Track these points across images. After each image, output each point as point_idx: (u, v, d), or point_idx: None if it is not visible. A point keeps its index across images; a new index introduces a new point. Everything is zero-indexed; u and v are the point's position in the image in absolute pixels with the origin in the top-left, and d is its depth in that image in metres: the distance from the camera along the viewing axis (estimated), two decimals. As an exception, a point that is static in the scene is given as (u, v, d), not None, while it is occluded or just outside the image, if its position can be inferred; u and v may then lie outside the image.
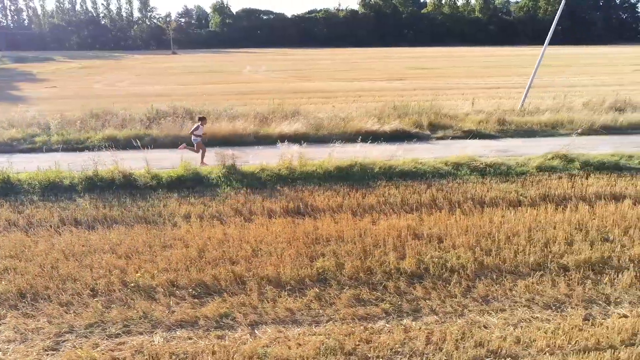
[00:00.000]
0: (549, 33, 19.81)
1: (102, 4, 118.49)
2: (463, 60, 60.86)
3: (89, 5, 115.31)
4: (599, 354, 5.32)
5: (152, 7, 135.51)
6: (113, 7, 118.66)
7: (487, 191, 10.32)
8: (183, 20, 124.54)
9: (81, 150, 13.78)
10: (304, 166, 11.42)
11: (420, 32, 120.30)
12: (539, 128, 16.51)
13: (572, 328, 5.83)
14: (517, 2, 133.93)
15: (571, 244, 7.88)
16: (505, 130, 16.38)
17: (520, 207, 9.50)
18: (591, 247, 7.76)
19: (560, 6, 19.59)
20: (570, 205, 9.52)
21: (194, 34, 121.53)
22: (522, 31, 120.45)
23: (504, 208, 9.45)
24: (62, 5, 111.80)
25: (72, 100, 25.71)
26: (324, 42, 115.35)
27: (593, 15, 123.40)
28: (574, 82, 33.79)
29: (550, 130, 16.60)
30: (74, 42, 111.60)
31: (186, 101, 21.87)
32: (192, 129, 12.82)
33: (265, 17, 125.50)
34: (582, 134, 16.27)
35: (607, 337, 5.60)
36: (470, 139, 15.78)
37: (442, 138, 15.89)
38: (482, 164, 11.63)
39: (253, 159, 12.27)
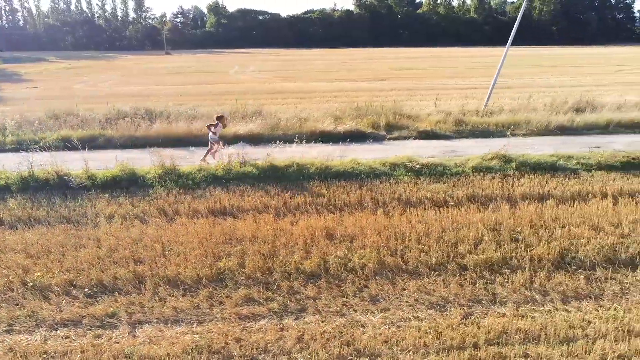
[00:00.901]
0: (512, 33, 19.96)
1: (97, 4, 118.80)
2: (452, 60, 60.92)
3: (84, 5, 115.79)
4: (459, 352, 5.39)
5: (147, 8, 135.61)
6: (108, 7, 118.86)
7: (417, 191, 10.39)
8: (178, 20, 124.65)
9: (34, 150, 13.86)
10: (241, 166, 11.49)
11: (415, 33, 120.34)
12: (494, 129, 16.57)
13: (447, 327, 5.90)
14: (512, 3, 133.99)
15: (478, 244, 7.94)
16: (461, 131, 16.45)
17: (444, 208, 9.56)
18: (497, 247, 7.82)
19: (523, 6, 19.62)
20: (492, 205, 9.59)
21: (189, 34, 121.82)
22: (518, 31, 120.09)
23: (427, 208, 9.52)
24: (57, 6, 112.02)
25: (49, 101, 25.76)
26: (320, 42, 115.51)
27: (588, 16, 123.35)
28: (554, 83, 33.80)
29: (506, 130, 16.62)
30: (68, 42, 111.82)
31: (161, 101, 22.06)
32: (211, 125, 12.85)
33: (260, 18, 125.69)
34: (537, 134, 16.44)
35: (474, 336, 5.67)
36: (424, 139, 15.85)
37: (396, 138, 15.96)
38: (418, 164, 11.70)
39: (200, 159, 12.40)
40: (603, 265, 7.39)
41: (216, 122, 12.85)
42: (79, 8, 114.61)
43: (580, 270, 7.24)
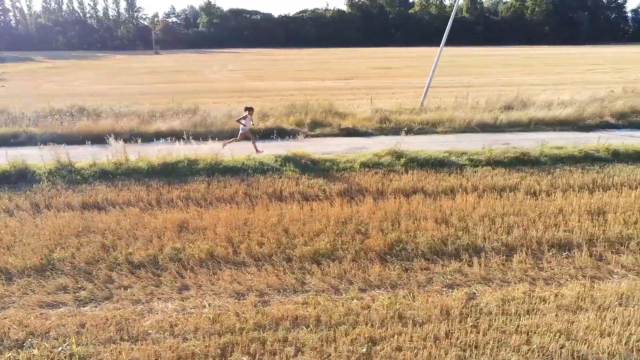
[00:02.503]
0: (445, 33, 20.09)
1: (89, 4, 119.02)
2: (430, 60, 60.94)
3: (76, 5, 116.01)
4: (234, 335, 5.59)
5: (139, 8, 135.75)
6: (100, 7, 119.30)
7: (294, 186, 10.58)
8: (170, 20, 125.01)
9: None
10: (131, 161, 11.71)
11: (408, 33, 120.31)
12: (416, 126, 16.72)
13: (233, 313, 6.09)
14: (505, 3, 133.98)
15: (317, 236, 8.12)
16: (383, 129, 16.62)
17: (310, 202, 9.74)
18: (334, 239, 8.00)
19: (455, 7, 19.79)
20: (358, 199, 9.78)
21: (181, 34, 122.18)
22: (509, 31, 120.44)
23: (294, 202, 9.70)
24: (48, 6, 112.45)
25: (9, 99, 26.04)
26: (312, 42, 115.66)
27: (580, 15, 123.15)
28: (518, 82, 33.81)
29: (429, 128, 16.84)
30: (60, 42, 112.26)
31: (117, 100, 22.32)
32: (239, 117, 13.45)
33: (252, 18, 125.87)
34: (458, 131, 16.60)
35: (257, 322, 5.86)
36: (344, 136, 16.05)
37: (317, 136, 16.15)
38: (308, 160, 11.87)
39: (114, 155, 12.51)
40: (426, 256, 7.57)
41: (246, 114, 13.32)
42: (71, 8, 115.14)
43: (400, 261, 7.42)
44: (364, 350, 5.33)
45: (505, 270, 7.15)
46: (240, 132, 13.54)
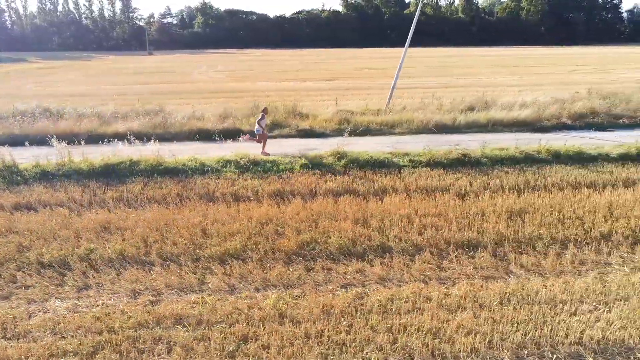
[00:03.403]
0: (409, 34, 20.17)
1: (84, 5, 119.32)
2: (420, 60, 61.12)
3: (71, 6, 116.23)
4: (97, 335, 5.70)
5: (134, 8, 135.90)
6: (95, 7, 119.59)
7: (230, 187, 10.69)
8: (165, 20, 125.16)
9: None
10: (75, 163, 11.83)
11: (403, 33, 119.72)
12: (375, 127, 16.83)
13: (120, 312, 6.20)
14: (502, 3, 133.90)
15: (229, 238, 8.22)
16: (341, 130, 16.67)
17: (240, 202, 9.85)
18: (247, 239, 8.10)
19: (418, 8, 19.88)
20: (287, 201, 9.88)
21: (177, 35, 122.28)
22: (504, 32, 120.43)
23: (223, 203, 9.80)
24: (44, 6, 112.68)
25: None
26: (307, 43, 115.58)
27: (576, 16, 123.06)
28: (498, 82, 33.90)
29: (387, 129, 16.95)
30: (55, 43, 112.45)
31: (95, 101, 22.54)
32: (258, 119, 13.75)
33: (248, 18, 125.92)
34: (416, 132, 16.72)
35: (139, 319, 5.97)
36: (301, 137, 16.18)
37: (274, 137, 16.24)
38: (248, 161, 11.98)
39: (57, 157, 12.60)
40: (332, 257, 7.67)
41: (262, 115, 13.67)
42: (66, 9, 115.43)
43: (306, 262, 7.52)
44: (232, 348, 5.44)
45: (406, 270, 7.25)
46: (256, 133, 13.79)
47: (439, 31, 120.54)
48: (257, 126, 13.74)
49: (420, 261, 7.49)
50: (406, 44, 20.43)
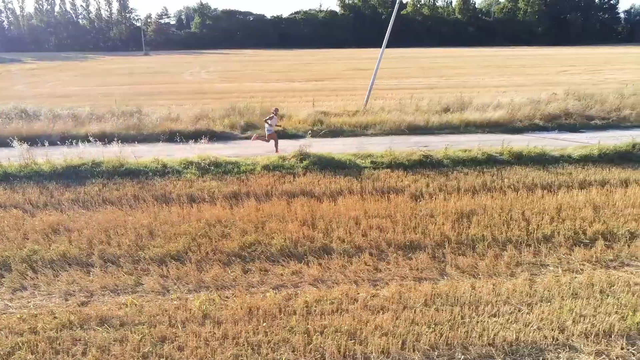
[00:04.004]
0: (385, 36, 20.21)
1: (82, 6, 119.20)
2: (415, 61, 61.25)
3: (68, 6, 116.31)
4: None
5: (132, 9, 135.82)
6: (92, 8, 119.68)
7: (188, 188, 10.75)
8: (162, 21, 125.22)
9: None
10: (39, 164, 11.90)
11: (400, 34, 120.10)
12: (348, 128, 16.89)
13: (35, 315, 6.26)
14: (499, 3, 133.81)
15: (173, 239, 8.28)
16: (316, 131, 16.73)
17: (195, 204, 9.90)
18: (183, 241, 8.15)
19: (395, 9, 19.96)
20: (241, 201, 9.94)
21: (174, 35, 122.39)
22: (501, 32, 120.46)
23: (177, 204, 9.85)
24: (41, 7, 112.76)
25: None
26: (305, 43, 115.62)
27: (573, 16, 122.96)
28: (484, 83, 33.97)
29: (360, 130, 17.01)
30: (52, 43, 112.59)
31: (80, 102, 22.68)
32: (266, 118, 14.17)
33: (245, 19, 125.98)
34: (388, 133, 16.78)
35: (72, 319, 6.03)
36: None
37: (246, 138, 16.31)
38: (210, 163, 12.03)
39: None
40: (272, 258, 7.73)
41: (272, 115, 13.97)
42: (63, 9, 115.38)
43: (245, 263, 7.58)
44: (147, 349, 5.49)
45: (342, 272, 7.30)
46: (267, 132, 14.06)
47: (437, 32, 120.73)
48: (266, 126, 14.08)
49: (358, 263, 7.54)
50: (383, 45, 20.47)
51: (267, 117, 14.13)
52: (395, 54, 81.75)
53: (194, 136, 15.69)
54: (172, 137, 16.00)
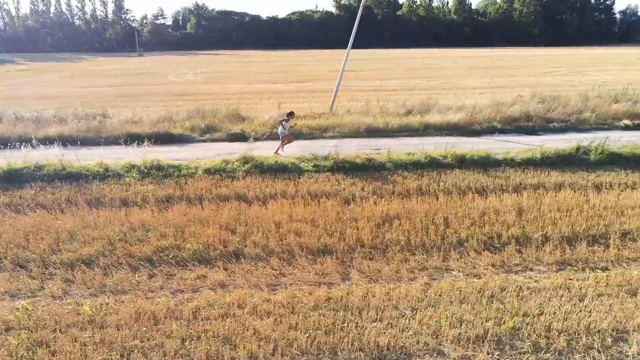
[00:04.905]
0: (351, 37, 20.28)
1: (77, 6, 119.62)
2: (405, 62, 61.29)
3: (64, 7, 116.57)
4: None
5: (127, 10, 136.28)
6: (88, 9, 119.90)
7: (124, 192, 10.82)
8: (158, 22, 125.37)
9: None
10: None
11: (396, 34, 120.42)
12: (307, 131, 16.94)
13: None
14: (495, 4, 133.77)
15: (91, 243, 8.35)
16: (273, 133, 16.78)
17: (127, 207, 9.97)
18: (99, 245, 8.21)
19: (360, 9, 20.00)
20: (172, 205, 10.01)
21: (169, 36, 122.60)
22: (497, 33, 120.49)
23: (110, 208, 9.92)
24: (36, 8, 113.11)
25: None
26: (300, 44, 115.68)
27: (568, 17, 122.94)
28: (463, 85, 33.97)
29: (319, 133, 17.05)
30: (48, 44, 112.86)
31: (60, 103, 22.81)
32: (281, 119, 14.49)
33: (240, 19, 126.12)
34: (347, 136, 16.82)
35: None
36: (230, 141, 16.30)
37: (204, 141, 16.40)
38: (151, 166, 12.09)
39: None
40: (183, 263, 7.79)
41: (287, 117, 14.34)
42: (59, 10, 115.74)
43: (153, 268, 7.64)
44: (22, 354, 5.55)
45: (246, 276, 7.35)
46: (280, 134, 14.30)
47: (432, 32, 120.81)
48: (280, 128, 14.28)
49: (265, 267, 7.59)
50: (348, 46, 20.58)
51: (283, 119, 14.40)
52: (391, 54, 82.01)
53: (152, 139, 15.78)
54: (132, 139, 16.06)
